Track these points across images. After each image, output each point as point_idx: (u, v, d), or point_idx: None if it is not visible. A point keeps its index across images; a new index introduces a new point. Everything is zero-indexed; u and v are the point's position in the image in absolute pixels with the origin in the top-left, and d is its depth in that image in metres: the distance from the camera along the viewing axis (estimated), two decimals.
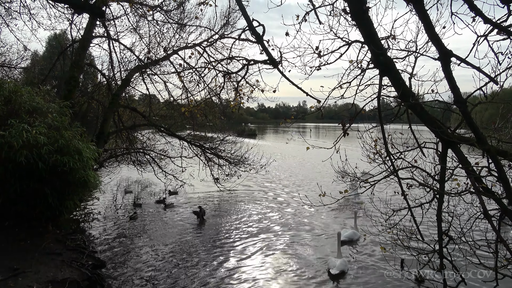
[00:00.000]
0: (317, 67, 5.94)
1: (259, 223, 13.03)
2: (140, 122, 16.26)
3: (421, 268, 5.89)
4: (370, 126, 5.80)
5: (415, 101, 4.89)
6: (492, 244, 5.21)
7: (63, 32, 19.32)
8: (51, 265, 7.63)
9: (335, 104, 6.73)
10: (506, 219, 5.04)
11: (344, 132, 5.35)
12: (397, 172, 5.28)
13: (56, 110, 9.63)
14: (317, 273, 8.95)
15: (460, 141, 4.74)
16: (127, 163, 17.88)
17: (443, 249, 5.39)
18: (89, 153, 9.45)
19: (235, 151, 16.90)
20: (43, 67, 20.18)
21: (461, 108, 4.63)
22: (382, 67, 5.07)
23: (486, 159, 4.81)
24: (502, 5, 4.17)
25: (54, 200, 8.96)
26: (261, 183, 20.81)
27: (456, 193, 5.03)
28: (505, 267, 5.02)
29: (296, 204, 15.77)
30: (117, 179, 19.70)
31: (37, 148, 8.24)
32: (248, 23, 6.13)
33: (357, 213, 12.09)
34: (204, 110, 15.25)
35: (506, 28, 4.26)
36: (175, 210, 14.74)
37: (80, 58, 13.51)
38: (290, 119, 6.59)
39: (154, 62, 14.73)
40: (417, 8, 4.54)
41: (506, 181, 4.52)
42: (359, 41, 5.50)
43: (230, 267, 9.23)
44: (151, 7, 13.74)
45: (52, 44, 24.79)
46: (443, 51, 4.51)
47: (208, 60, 13.32)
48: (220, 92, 10.07)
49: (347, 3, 5.11)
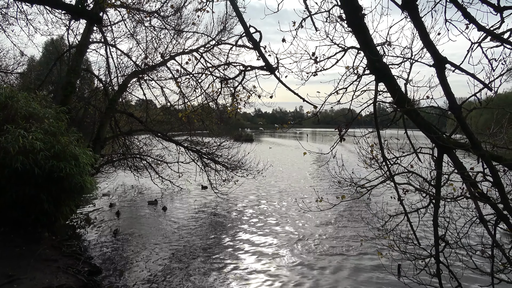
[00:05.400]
0: (313, 73, 5.98)
1: (255, 228, 13.00)
2: (137, 128, 16.26)
3: (418, 273, 5.90)
4: (367, 131, 5.84)
5: (411, 107, 4.93)
6: (488, 249, 5.23)
7: (60, 37, 19.38)
8: (47, 272, 7.58)
9: (332, 110, 6.77)
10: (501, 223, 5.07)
11: (341, 137, 5.38)
12: (393, 177, 5.31)
13: (53, 115, 9.62)
14: (312, 277, 8.94)
15: (456, 146, 4.78)
16: (124, 168, 17.84)
17: (439, 254, 5.41)
18: (85, 159, 9.43)
19: (232, 156, 16.90)
20: (39, 72, 20.13)
21: (455, 114, 4.67)
22: (378, 73, 5.11)
23: (481, 165, 4.84)
24: (495, 12, 4.23)
25: (50, 206, 8.92)
26: (257, 188, 20.78)
27: (452, 198, 5.06)
28: (501, 272, 5.03)
29: (294, 209, 15.75)
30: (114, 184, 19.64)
31: (33, 154, 8.22)
32: (245, 30, 6.17)
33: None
34: (201, 115, 15.28)
35: (499, 35, 4.32)
36: (171, 214, 14.68)
37: (77, 63, 13.53)
38: (287, 124, 6.64)
39: (151, 67, 14.78)
40: (412, 15, 4.59)
41: (501, 186, 4.55)
42: (355, 47, 5.56)
43: (226, 272, 9.19)
44: (148, 13, 13.81)
45: (49, 50, 24.75)
46: (438, 58, 4.56)
47: (205, 66, 13.35)
48: (217, 98, 10.09)
49: (343, 10, 5.17)
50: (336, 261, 10.04)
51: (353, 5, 4.94)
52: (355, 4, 4.94)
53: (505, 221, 4.74)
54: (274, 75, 6.36)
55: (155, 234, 12.13)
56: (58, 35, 19.44)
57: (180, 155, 16.73)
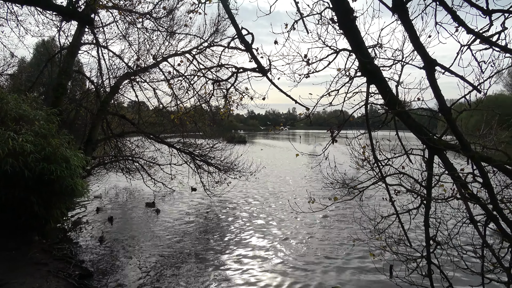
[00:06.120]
0: (305, 75, 6.01)
1: (247, 229, 12.98)
2: (129, 129, 16.17)
3: (409, 274, 5.94)
4: (358, 133, 5.87)
5: (402, 109, 4.98)
6: (478, 249, 5.29)
7: (51, 39, 19.20)
8: (37, 276, 7.49)
9: (324, 111, 6.83)
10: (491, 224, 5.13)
11: (333, 139, 5.41)
12: (385, 179, 5.35)
13: (43, 117, 9.52)
14: (304, 278, 8.95)
15: (446, 148, 4.83)
16: (116, 170, 17.71)
17: (431, 254, 5.45)
18: (76, 161, 9.35)
19: (224, 158, 16.87)
20: (30, 74, 19.94)
21: (446, 116, 4.72)
22: (369, 75, 5.15)
23: (471, 166, 4.89)
24: (484, 15, 4.29)
25: (41, 209, 8.82)
26: (250, 189, 20.76)
27: (442, 199, 5.11)
28: (491, 272, 5.08)
29: (286, 211, 15.76)
30: (105, 187, 19.49)
31: (23, 156, 8.13)
32: (237, 32, 6.17)
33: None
34: (194, 117, 15.25)
35: (488, 38, 4.38)
36: (163, 217, 14.60)
37: (68, 65, 13.42)
38: (279, 126, 6.65)
39: (144, 69, 14.72)
40: (402, 18, 4.64)
41: (491, 187, 4.61)
42: (347, 50, 5.59)
43: (218, 274, 9.16)
44: (140, 15, 13.77)
45: (39, 51, 24.52)
46: (428, 60, 4.61)
47: (197, 68, 13.36)
48: (210, 99, 10.06)
49: (335, 12, 5.20)
50: (328, 262, 10.06)
51: (344, 8, 4.98)
52: (347, 7, 4.98)
53: (495, 221, 4.80)
54: (267, 77, 6.38)
55: (147, 237, 12.05)
56: (49, 36, 19.21)
57: (172, 157, 16.66)
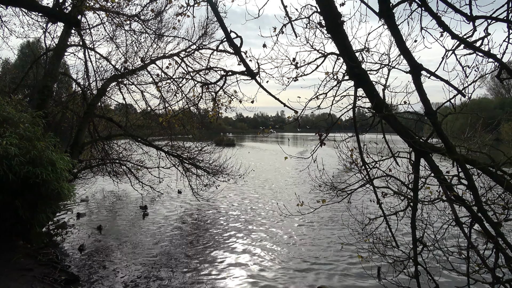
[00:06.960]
0: (294, 78, 6.05)
1: (235, 232, 12.96)
2: (116, 132, 15.96)
3: (397, 276, 6.00)
4: (346, 136, 5.92)
5: (389, 112, 5.05)
6: (464, 250, 5.37)
7: (36, 40, 18.86)
8: (22, 281, 7.34)
9: (313, 114, 6.86)
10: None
11: (321, 142, 5.46)
12: (372, 181, 5.40)
13: (29, 120, 9.37)
14: (292, 281, 8.96)
15: (432, 151, 4.91)
16: (103, 174, 17.48)
17: (417, 256, 5.52)
18: (63, 164, 9.21)
19: (213, 161, 16.80)
20: (15, 75, 19.57)
21: (431, 119, 4.80)
22: (357, 79, 5.21)
23: (456, 168, 4.98)
24: (467, 21, 4.38)
25: (25, 213, 8.65)
26: (238, 192, 20.74)
27: (429, 201, 5.18)
28: (477, 272, 5.17)
29: (274, 214, 15.78)
30: (91, 190, 19.23)
31: (7, 160, 7.98)
32: (226, 35, 6.18)
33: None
34: (182, 120, 15.16)
35: (472, 44, 4.48)
36: (151, 220, 14.47)
37: (54, 67, 13.21)
38: (268, 129, 6.66)
39: (131, 71, 14.58)
40: (388, 23, 4.71)
41: (475, 189, 4.70)
42: (334, 53, 5.65)
43: (205, 280, 9.11)
44: (128, 17, 13.65)
45: (24, 52, 24.12)
46: (414, 65, 4.69)
47: (186, 70, 13.33)
48: (198, 102, 10.06)
49: (323, 16, 5.26)
50: (317, 265, 10.11)
51: (332, 12, 5.03)
52: (334, 11, 5.04)
53: (479, 223, 4.89)
54: (255, 80, 6.40)
55: (134, 241, 11.92)
56: (34, 38, 18.84)
57: (160, 160, 16.51)
